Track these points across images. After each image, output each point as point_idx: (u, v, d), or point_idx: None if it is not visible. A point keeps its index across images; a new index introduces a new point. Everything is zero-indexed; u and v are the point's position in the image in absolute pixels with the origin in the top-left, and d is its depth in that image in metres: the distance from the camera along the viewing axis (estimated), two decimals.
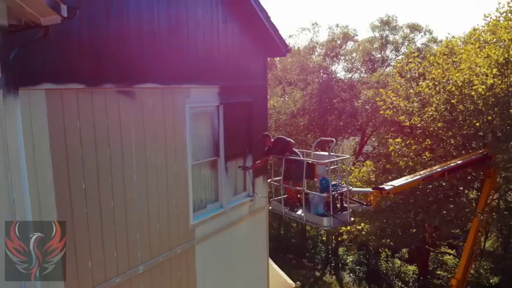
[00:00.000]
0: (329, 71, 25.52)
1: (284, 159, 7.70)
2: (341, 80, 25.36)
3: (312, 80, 24.82)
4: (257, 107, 8.84)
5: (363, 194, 9.46)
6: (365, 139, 25.44)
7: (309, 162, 7.60)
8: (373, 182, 13.25)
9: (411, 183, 9.69)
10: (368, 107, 20.47)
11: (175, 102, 6.66)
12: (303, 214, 7.68)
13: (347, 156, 8.29)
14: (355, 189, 8.70)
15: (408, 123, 13.74)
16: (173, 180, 6.71)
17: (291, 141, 7.94)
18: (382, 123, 19.87)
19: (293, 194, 8.24)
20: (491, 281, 20.99)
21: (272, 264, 11.97)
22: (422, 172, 10.29)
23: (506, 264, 20.53)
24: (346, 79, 25.75)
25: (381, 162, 15.75)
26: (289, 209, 8.09)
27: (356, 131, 25.28)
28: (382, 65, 26.09)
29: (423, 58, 17.10)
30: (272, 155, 8.10)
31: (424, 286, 21.45)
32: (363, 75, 25.49)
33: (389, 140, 13.64)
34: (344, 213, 7.55)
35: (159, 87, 6.31)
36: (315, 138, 22.22)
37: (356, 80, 25.02)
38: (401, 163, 12.78)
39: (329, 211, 7.24)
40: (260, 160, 8.31)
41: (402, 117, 13.74)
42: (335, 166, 7.73)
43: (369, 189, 9.07)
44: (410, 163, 12.75)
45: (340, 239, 20.33)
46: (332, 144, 7.87)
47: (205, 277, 7.59)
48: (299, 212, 7.94)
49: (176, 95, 6.66)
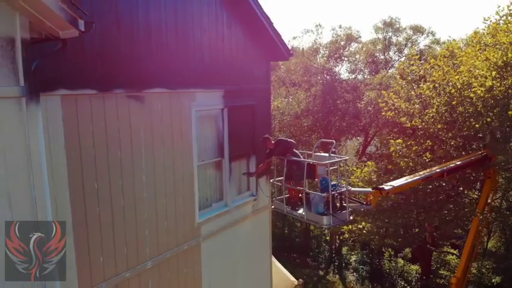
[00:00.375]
0: (333, 73, 25.77)
1: (285, 160, 8.02)
2: (345, 81, 25.61)
3: (316, 82, 25.08)
4: (260, 110, 9.14)
5: (364, 194, 9.73)
6: (368, 140, 25.67)
7: (310, 163, 7.90)
8: (374, 182, 13.50)
9: (410, 183, 9.93)
10: (371, 109, 20.72)
11: (182, 105, 6.98)
12: (304, 213, 8.00)
13: (346, 157, 8.57)
14: (354, 189, 8.99)
15: (409, 124, 13.98)
16: (180, 180, 7.03)
17: (292, 142, 8.25)
18: (385, 124, 20.11)
19: (295, 194, 8.54)
20: (493, 281, 21.17)
21: (275, 261, 12.26)
22: (422, 173, 10.54)
23: (508, 264, 20.66)
24: (349, 80, 25.98)
25: (382, 162, 16.00)
26: (290, 208, 8.40)
27: (359, 132, 25.52)
28: (385, 67, 26.30)
29: (425, 60, 17.31)
30: (274, 156, 8.40)
31: (427, 285, 21.63)
32: (366, 76, 25.71)
33: (390, 141, 13.90)
34: (343, 212, 7.85)
35: (167, 91, 6.64)
36: (319, 138, 22.48)
37: (359, 82, 25.25)
38: (402, 164, 13.05)
39: (329, 210, 7.55)
40: (263, 163, 8.60)
41: (403, 118, 13.99)
42: (335, 167, 8.03)
43: (369, 189, 9.35)
44: (411, 164, 13.01)
45: (342, 238, 20.56)
46: (332, 145, 8.15)
47: (210, 273, 7.91)
48: (300, 211, 8.25)
49: (183, 99, 6.99)
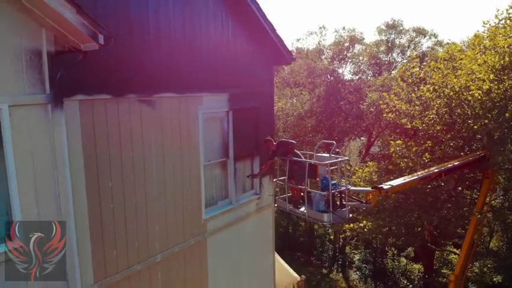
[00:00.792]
0: (336, 74, 26.12)
1: (288, 160, 8.42)
2: (348, 83, 25.96)
3: (320, 83, 25.45)
4: (264, 112, 9.54)
5: (364, 193, 10.10)
6: (372, 140, 26.00)
7: (311, 163, 8.29)
8: (375, 182, 13.84)
9: (408, 183, 10.27)
10: (373, 110, 21.06)
11: (190, 109, 7.40)
12: (306, 211, 8.39)
13: (346, 158, 8.94)
14: (354, 188, 9.36)
15: (410, 126, 14.32)
16: (187, 178, 7.46)
17: (293, 143, 8.65)
18: (388, 125, 20.44)
19: (297, 193, 8.93)
20: (494, 280, 21.43)
21: (278, 258, 12.64)
22: (420, 173, 10.87)
23: (509, 263, 20.90)
24: (353, 81, 26.32)
25: (383, 163, 16.34)
26: (293, 206, 8.79)
27: (362, 133, 25.86)
28: (388, 68, 26.62)
29: (428, 61, 17.60)
30: (276, 157, 8.80)
31: (429, 284, 21.93)
32: (369, 77, 26.04)
33: (390, 142, 14.26)
34: (343, 210, 8.23)
35: (176, 96, 7.06)
36: (322, 139, 22.86)
37: (363, 83, 25.58)
38: (402, 164, 13.40)
39: (329, 208, 7.94)
40: (265, 164, 9.00)
41: (404, 120, 14.34)
42: (335, 167, 8.41)
43: (369, 188, 9.72)
44: (410, 164, 13.35)
45: (344, 236, 20.95)
46: (333, 146, 8.54)
47: (215, 267, 8.32)
48: (302, 209, 8.64)
49: (190, 103, 7.41)
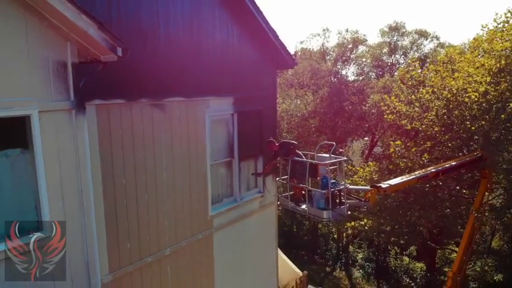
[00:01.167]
0: (339, 75, 26.55)
1: (290, 160, 8.89)
2: (351, 84, 26.38)
3: (323, 84, 25.88)
4: (267, 114, 10.01)
5: (364, 192, 10.54)
6: (375, 141, 26.40)
7: (312, 163, 8.75)
8: (375, 181, 14.27)
9: (406, 182, 10.68)
10: (375, 111, 21.47)
11: (197, 112, 7.89)
12: (307, 208, 8.86)
13: (345, 158, 9.38)
14: (352, 187, 9.81)
15: (409, 127, 14.72)
16: (195, 177, 7.94)
17: (295, 143, 9.11)
18: (390, 126, 20.84)
19: (298, 191, 9.40)
20: (495, 278, 21.78)
21: (282, 255, 13.11)
22: (417, 172, 11.30)
23: (510, 261, 21.21)
24: (356, 83, 26.73)
25: (384, 163, 16.76)
26: (294, 204, 9.26)
27: (365, 133, 26.27)
28: (390, 70, 27.01)
29: (427, 64, 17.99)
30: (279, 157, 9.27)
31: (430, 282, 22.31)
32: (372, 79, 26.44)
33: (390, 142, 14.67)
34: (342, 207, 8.68)
35: (184, 100, 7.55)
36: (326, 139, 23.31)
37: (365, 84, 25.99)
38: (401, 164, 13.81)
39: (329, 205, 8.40)
40: (269, 165, 9.48)
41: (404, 121, 14.75)
42: (335, 166, 8.87)
43: (367, 187, 10.17)
44: (409, 164, 13.77)
45: (345, 234, 21.38)
46: (333, 147, 9.00)
47: (221, 261, 8.80)
48: (303, 207, 9.11)
49: (198, 106, 7.90)
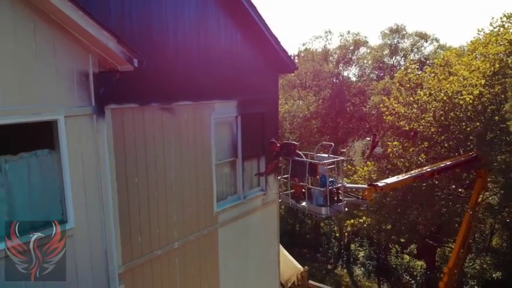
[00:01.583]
0: (341, 77, 27.05)
1: (290, 160, 9.42)
2: (352, 86, 26.87)
3: (325, 85, 26.39)
4: (269, 116, 10.51)
5: (361, 190, 11.06)
6: (376, 141, 26.88)
7: (312, 162, 9.28)
8: (374, 180, 14.78)
9: (402, 181, 11.22)
10: (374, 112, 21.97)
11: (203, 114, 8.42)
12: (306, 205, 9.40)
13: (342, 158, 9.90)
14: (350, 185, 10.33)
15: (407, 127, 15.22)
16: (201, 176, 8.48)
17: (295, 144, 9.65)
18: (391, 126, 21.33)
19: (298, 189, 9.93)
20: (493, 276, 22.22)
21: (283, 251, 13.63)
22: (413, 171, 11.80)
23: (509, 259, 21.64)
24: (357, 84, 27.23)
25: (383, 162, 17.26)
26: (295, 201, 9.80)
27: (365, 134, 26.77)
28: (391, 72, 27.48)
29: (428, 66, 18.43)
30: (280, 157, 9.80)
31: (430, 279, 22.78)
32: (373, 79, 26.92)
33: (388, 143, 15.18)
34: (340, 204, 9.22)
35: (191, 104, 8.08)
36: (328, 139, 23.82)
37: (366, 86, 26.47)
38: (399, 164, 14.32)
39: (327, 202, 8.94)
40: (271, 164, 10.00)
41: (402, 122, 15.25)
42: (333, 166, 9.40)
43: (364, 185, 10.69)
44: (407, 164, 14.26)
45: (345, 232, 21.88)
46: (331, 148, 9.55)
47: (225, 255, 9.33)
48: (303, 204, 9.64)
49: (204, 109, 8.43)
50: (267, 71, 10.43)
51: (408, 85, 15.65)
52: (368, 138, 28.75)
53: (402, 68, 22.79)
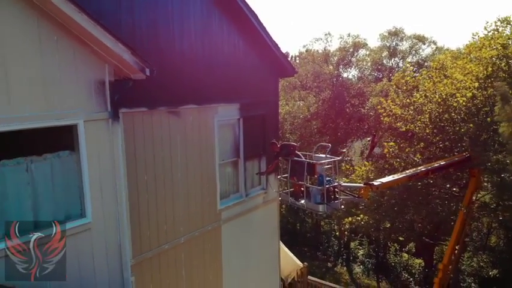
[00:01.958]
0: (341, 78, 27.56)
1: (290, 160, 9.94)
2: (352, 87, 27.39)
3: (326, 87, 26.91)
4: (269, 118, 11.03)
5: (358, 189, 11.55)
6: (375, 141, 27.33)
7: (310, 162, 9.79)
8: (371, 180, 15.27)
9: (397, 180, 11.70)
10: (372, 114, 22.48)
11: (207, 117, 8.94)
12: (305, 203, 9.91)
13: (338, 158, 10.38)
14: (346, 184, 10.84)
15: (404, 129, 15.72)
16: (205, 175, 8.99)
17: (295, 145, 10.17)
18: (389, 127, 21.82)
19: (297, 188, 10.44)
20: (490, 273, 22.67)
21: (284, 247, 14.12)
22: (408, 171, 12.29)
23: (505, 257, 22.06)
24: (356, 86, 27.74)
25: (380, 162, 17.75)
26: (294, 199, 10.31)
27: (364, 134, 27.27)
28: (389, 74, 28.02)
29: (421, 71, 18.90)
30: (280, 157, 10.32)
31: (428, 277, 23.24)
32: (371, 82, 27.45)
33: (384, 144, 15.69)
34: (336, 202, 9.73)
35: (196, 107, 8.60)
36: (327, 140, 24.34)
37: (365, 87, 26.99)
38: (395, 164, 14.82)
39: (324, 200, 9.45)
40: (272, 164, 10.52)
41: (399, 123, 15.74)
42: (330, 166, 9.90)
43: (361, 184, 11.20)
44: (403, 164, 14.76)
45: (343, 229, 22.37)
46: (328, 148, 10.06)
47: (228, 250, 9.84)
48: (302, 201, 10.15)
49: (208, 112, 8.95)
50: (268, 75, 10.94)
51: (405, 87, 16.16)
52: (368, 138, 29.23)
53: (399, 71, 23.33)
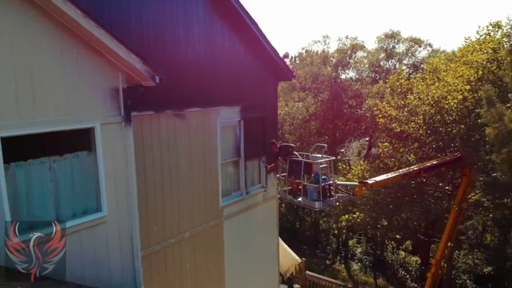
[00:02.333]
0: (339, 80, 28.12)
1: (288, 160, 10.53)
2: (349, 88, 27.95)
3: (324, 88, 27.47)
4: (269, 120, 11.59)
5: (352, 187, 12.12)
6: (372, 141, 27.97)
7: (306, 162, 10.38)
8: (367, 179, 15.85)
9: (390, 179, 12.28)
10: (369, 115, 23.05)
11: (210, 119, 9.51)
12: (302, 200, 10.50)
13: (333, 157, 10.97)
14: (340, 182, 11.43)
15: (398, 129, 16.29)
16: (208, 173, 9.57)
17: (293, 146, 10.76)
18: (385, 128, 22.40)
19: (295, 186, 11.02)
20: (484, 270, 23.25)
21: (283, 244, 14.69)
22: (401, 170, 12.86)
23: (499, 254, 22.63)
24: (353, 87, 28.29)
25: (375, 162, 18.32)
26: (292, 197, 10.90)
27: (361, 135, 27.86)
28: (386, 76, 28.60)
29: (422, 69, 19.44)
30: (279, 157, 10.90)
31: (424, 273, 23.78)
32: (368, 83, 28.03)
33: (379, 144, 16.27)
34: (331, 199, 10.32)
35: (200, 110, 9.17)
36: (326, 141, 24.90)
37: (362, 89, 27.56)
38: (390, 163, 15.39)
39: (320, 197, 10.04)
40: (274, 164, 11.10)
41: (394, 124, 16.31)
42: (325, 165, 10.49)
43: (355, 182, 11.78)
44: (397, 163, 15.33)
45: (340, 226, 22.93)
46: (324, 149, 10.65)
47: (230, 245, 10.40)
48: (299, 199, 10.74)
49: (211, 114, 9.52)
50: (267, 79, 11.51)
51: (399, 90, 16.72)
52: (367, 138, 29.83)
53: (394, 74, 23.92)
